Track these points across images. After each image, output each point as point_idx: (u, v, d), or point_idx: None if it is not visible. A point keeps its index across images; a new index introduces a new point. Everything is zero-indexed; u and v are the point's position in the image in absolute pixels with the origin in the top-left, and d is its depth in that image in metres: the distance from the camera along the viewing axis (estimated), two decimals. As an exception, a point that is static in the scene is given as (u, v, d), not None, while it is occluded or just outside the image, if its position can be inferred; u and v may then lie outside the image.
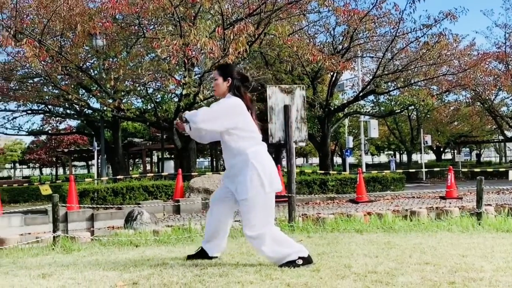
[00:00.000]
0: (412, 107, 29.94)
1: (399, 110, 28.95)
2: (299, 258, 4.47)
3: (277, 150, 34.55)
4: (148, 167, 40.34)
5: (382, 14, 19.66)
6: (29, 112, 25.38)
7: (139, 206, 13.76)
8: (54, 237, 6.81)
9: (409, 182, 26.41)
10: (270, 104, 8.09)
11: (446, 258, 4.80)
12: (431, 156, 55.91)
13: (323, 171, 21.32)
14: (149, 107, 22.78)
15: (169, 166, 29.97)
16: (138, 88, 21.57)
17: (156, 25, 18.17)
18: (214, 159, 46.67)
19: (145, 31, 16.88)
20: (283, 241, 4.55)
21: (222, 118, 4.47)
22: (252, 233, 4.45)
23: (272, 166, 4.60)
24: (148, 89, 21.96)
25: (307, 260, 4.50)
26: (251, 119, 4.62)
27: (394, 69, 22.22)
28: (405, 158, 55.06)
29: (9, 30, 15.29)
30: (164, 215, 15.07)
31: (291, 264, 4.43)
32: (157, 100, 21.84)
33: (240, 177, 4.50)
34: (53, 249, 6.34)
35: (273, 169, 4.60)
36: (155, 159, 43.60)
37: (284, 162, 35.07)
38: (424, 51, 20.16)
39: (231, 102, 4.56)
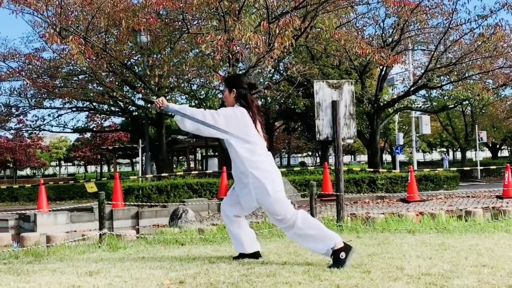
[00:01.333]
0: (466, 102, 29.22)
1: (452, 105, 28.28)
2: (339, 250, 4.48)
3: (323, 147, 34.40)
4: (192, 164, 40.76)
5: (434, 4, 19.32)
6: (74, 109, 25.99)
7: (183, 204, 13.95)
8: (100, 234, 6.97)
9: (463, 181, 25.90)
10: (317, 99, 8.05)
11: (504, 260, 4.68)
12: (487, 154, 54.58)
13: (372, 169, 21.10)
14: (193, 104, 23.00)
15: (213, 164, 30.21)
16: (182, 85, 21.82)
17: (200, 20, 18.33)
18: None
19: (189, 26, 17.03)
20: (314, 224, 4.71)
21: (223, 125, 4.64)
22: (279, 216, 4.65)
23: (274, 172, 4.75)
24: (192, 85, 22.18)
25: (347, 249, 4.51)
26: (255, 130, 4.78)
27: (447, 62, 21.75)
28: (458, 155, 53.95)
29: (55, 27, 15.69)
30: (208, 213, 15.22)
31: (337, 261, 4.44)
32: (201, 97, 22.05)
33: (244, 189, 4.72)
34: (99, 246, 6.48)
35: (275, 175, 4.75)
36: (199, 156, 44.02)
37: (331, 160, 34.90)
38: (479, 43, 19.65)
39: (235, 112, 4.73)
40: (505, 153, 58.94)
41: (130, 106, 24.03)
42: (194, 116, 4.64)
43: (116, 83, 21.47)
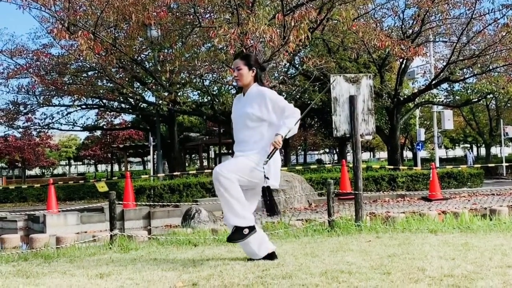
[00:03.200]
0: (491, 95, 28.99)
1: (476, 99, 28.09)
2: (246, 227, 4.71)
3: (341, 144, 34.31)
4: (205, 162, 40.87)
5: (456, -6, 19.15)
6: (84, 106, 26.14)
7: (196, 204, 13.98)
8: (111, 235, 7.01)
9: (488, 178, 25.74)
10: (334, 94, 8.03)
11: (531, 261, 4.64)
12: (513, 149, 54.13)
13: (392, 167, 21.00)
14: (206, 100, 23.04)
15: (227, 162, 30.20)
16: (194, 80, 21.85)
17: (212, 13, 18.34)
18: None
19: (200, 20, 17.04)
20: (243, 202, 4.78)
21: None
22: (224, 170, 4.71)
23: (279, 163, 4.97)
24: (204, 81, 22.21)
25: (252, 228, 4.75)
26: None
27: (470, 54, 21.57)
28: (483, 151, 53.58)
29: (63, 22, 15.78)
30: (222, 213, 15.21)
31: (238, 232, 4.73)
32: (214, 93, 22.08)
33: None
34: (110, 248, 6.53)
35: (279, 165, 4.96)
36: (212, 154, 44.12)
37: (349, 157, 34.80)
38: (504, 34, 19.45)
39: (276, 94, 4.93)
40: (532, 148, 58.37)
41: (140, 103, 24.13)
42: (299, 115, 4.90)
43: (126, 79, 21.57)
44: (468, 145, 59.06)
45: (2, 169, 51.41)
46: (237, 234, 4.74)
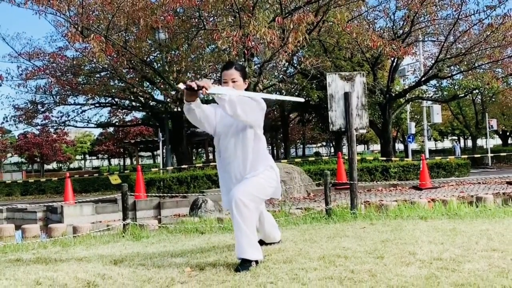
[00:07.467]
0: (477, 91, 28.92)
1: (463, 94, 28.04)
2: (255, 261, 4.09)
3: (337, 138, 34.29)
4: (211, 156, 40.85)
5: (443, -4, 19.11)
6: (97, 105, 26.13)
7: (203, 195, 14.00)
8: (124, 225, 7.03)
9: (474, 168, 25.72)
10: (330, 91, 8.03)
11: (514, 245, 4.64)
12: (497, 141, 54.09)
13: (385, 158, 21.00)
14: (211, 98, 22.97)
15: (231, 155, 30.18)
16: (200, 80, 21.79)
17: (215, 17, 18.32)
18: (275, 147, 46.74)
19: (205, 23, 17.03)
20: (255, 233, 4.26)
21: (256, 112, 4.25)
22: (245, 199, 4.10)
23: (279, 176, 4.54)
24: (209, 80, 22.14)
25: (257, 262, 4.12)
26: None
27: (457, 53, 21.55)
28: (469, 143, 53.52)
29: (77, 26, 15.77)
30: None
31: (245, 263, 4.05)
32: (218, 91, 22.02)
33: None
34: (123, 236, 6.54)
35: (279, 177, 4.54)
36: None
37: (345, 150, 34.77)
38: (488, 33, 19.43)
39: (260, 98, 4.33)
40: (515, 140, 58.28)
41: (150, 101, 24.12)
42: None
43: (137, 79, 21.55)
44: (456, 137, 59.02)
45: (22, 164, 51.50)
46: (245, 266, 4.01)
